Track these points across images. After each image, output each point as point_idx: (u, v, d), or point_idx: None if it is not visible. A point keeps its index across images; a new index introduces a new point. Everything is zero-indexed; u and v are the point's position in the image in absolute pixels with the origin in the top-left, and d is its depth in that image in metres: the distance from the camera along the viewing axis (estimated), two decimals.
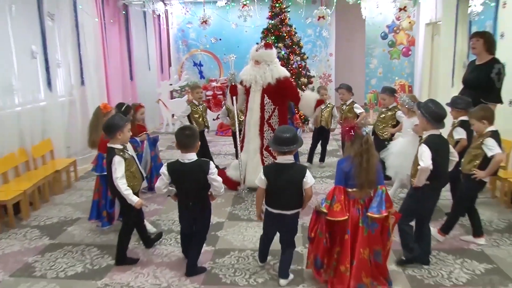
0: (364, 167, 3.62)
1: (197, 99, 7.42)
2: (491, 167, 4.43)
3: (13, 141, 6.16)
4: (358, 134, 3.70)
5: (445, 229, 4.78)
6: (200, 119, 7.36)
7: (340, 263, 3.75)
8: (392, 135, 6.49)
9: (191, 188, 4.08)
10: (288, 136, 3.84)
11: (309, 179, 3.87)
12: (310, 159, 7.87)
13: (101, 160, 5.02)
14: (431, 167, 3.95)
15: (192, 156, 4.03)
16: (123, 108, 5.79)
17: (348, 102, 7.26)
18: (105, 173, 4.58)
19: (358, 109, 7.19)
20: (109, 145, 4.31)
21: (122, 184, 4.15)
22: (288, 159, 3.89)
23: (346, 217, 3.65)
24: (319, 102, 6.49)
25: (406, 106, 5.75)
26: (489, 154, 4.41)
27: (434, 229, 4.73)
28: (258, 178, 3.97)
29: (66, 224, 5.48)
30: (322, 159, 7.90)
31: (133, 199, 4.20)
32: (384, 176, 4.70)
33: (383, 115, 6.52)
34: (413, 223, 4.31)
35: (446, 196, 5.51)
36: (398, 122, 6.34)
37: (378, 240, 3.77)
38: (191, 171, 4.01)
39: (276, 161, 4.01)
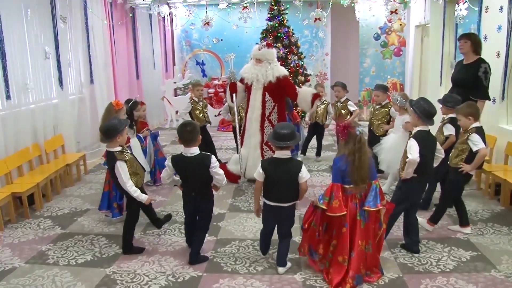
0: (357, 165, 3.63)
1: (197, 96, 7.41)
2: (476, 161, 4.44)
3: (27, 137, 6.17)
4: (352, 134, 3.69)
5: (434, 219, 4.79)
6: (201, 115, 7.34)
7: (337, 254, 3.74)
8: (386, 131, 6.49)
9: (194, 180, 4.08)
10: (286, 132, 3.83)
11: (304, 173, 3.85)
12: (304, 151, 7.87)
13: None
14: (418, 160, 3.97)
15: (194, 150, 4.03)
16: (131, 103, 5.80)
17: (342, 100, 7.23)
18: None
19: (352, 107, 7.16)
20: (107, 149, 4.23)
21: (130, 187, 4.14)
22: (285, 154, 3.88)
23: (345, 212, 3.65)
24: (316, 96, 6.47)
25: (398, 104, 5.75)
26: (474, 149, 4.43)
27: (423, 220, 4.75)
28: (256, 172, 3.96)
29: (76, 215, 5.48)
30: (318, 154, 7.90)
31: (143, 198, 4.22)
32: (377, 170, 4.71)
33: (377, 112, 6.52)
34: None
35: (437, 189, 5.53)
36: (391, 118, 6.34)
37: (371, 231, 3.79)
38: (193, 164, 4.01)
39: (274, 155, 4.00)
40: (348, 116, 7.08)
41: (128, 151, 4.36)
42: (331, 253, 3.82)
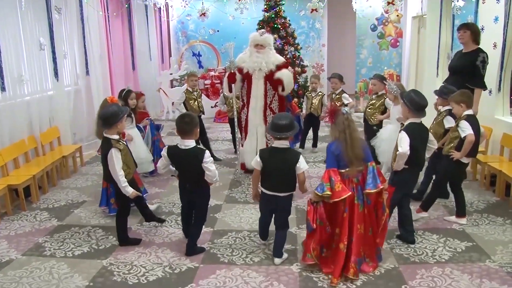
0: (349, 142, 3.63)
1: (192, 86, 7.41)
2: (465, 147, 4.49)
3: (23, 129, 6.14)
4: (339, 114, 3.72)
5: (424, 207, 4.87)
6: (195, 105, 7.35)
7: (339, 241, 3.74)
8: (381, 121, 6.50)
9: (188, 172, 4.09)
10: (283, 123, 3.83)
11: (302, 164, 3.86)
12: (302, 145, 7.88)
13: None
14: (408, 152, 4.00)
15: (189, 143, 4.01)
16: (124, 93, 5.77)
17: (337, 92, 7.25)
18: None
19: (346, 100, 7.13)
20: (105, 135, 4.20)
21: (120, 177, 4.11)
22: (284, 143, 3.90)
23: (350, 192, 3.63)
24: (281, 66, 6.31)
25: (393, 93, 5.76)
26: (462, 135, 4.50)
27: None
28: (253, 161, 3.98)
29: (73, 207, 5.49)
30: (314, 145, 7.92)
31: (128, 190, 4.17)
32: (376, 162, 4.71)
33: (373, 101, 6.53)
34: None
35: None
36: (386, 109, 6.35)
37: (372, 216, 3.80)
38: (187, 157, 4.00)
39: (272, 145, 4.02)
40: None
41: (125, 143, 4.35)
42: (334, 242, 3.80)
